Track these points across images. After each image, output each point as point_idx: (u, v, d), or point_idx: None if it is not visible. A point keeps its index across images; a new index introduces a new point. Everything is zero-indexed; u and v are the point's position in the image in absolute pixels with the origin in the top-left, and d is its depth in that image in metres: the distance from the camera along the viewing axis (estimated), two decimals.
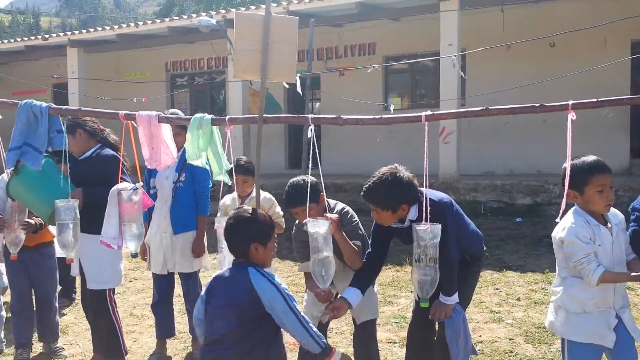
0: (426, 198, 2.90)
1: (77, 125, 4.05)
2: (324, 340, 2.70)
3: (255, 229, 2.70)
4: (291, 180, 3.49)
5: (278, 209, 4.34)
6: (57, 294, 4.69)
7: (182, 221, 4.37)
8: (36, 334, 4.62)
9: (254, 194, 3.72)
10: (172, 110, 4.29)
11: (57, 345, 4.61)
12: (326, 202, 3.56)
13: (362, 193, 3.12)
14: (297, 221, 3.61)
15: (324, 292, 3.27)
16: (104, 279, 4.03)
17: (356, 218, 3.60)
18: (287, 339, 4.75)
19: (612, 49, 10.63)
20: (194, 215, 4.41)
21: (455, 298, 3.20)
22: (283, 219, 4.33)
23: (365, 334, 3.67)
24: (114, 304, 4.14)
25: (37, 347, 4.67)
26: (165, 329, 4.55)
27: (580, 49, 10.86)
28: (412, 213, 3.12)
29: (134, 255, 3.42)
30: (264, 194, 4.19)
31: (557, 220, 2.72)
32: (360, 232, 3.56)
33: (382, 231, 3.31)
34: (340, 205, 3.61)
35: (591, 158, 2.72)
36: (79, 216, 3.43)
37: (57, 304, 4.65)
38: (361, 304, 3.37)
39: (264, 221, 2.76)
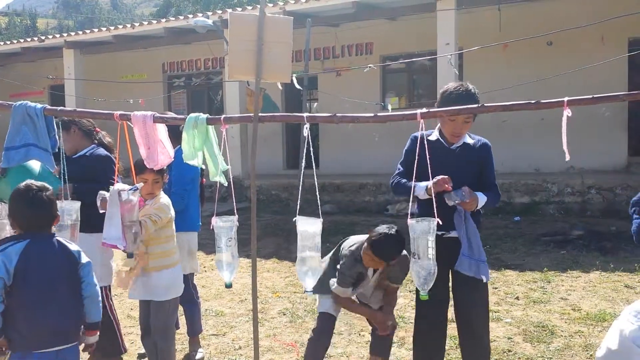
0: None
1: (73, 122, 4.06)
2: None
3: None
4: (386, 230, 3.50)
5: (159, 213, 3.61)
6: None
7: None
8: None
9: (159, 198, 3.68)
10: (169, 113, 4.28)
11: None
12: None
13: (471, 101, 3.16)
14: (355, 246, 3.63)
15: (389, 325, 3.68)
16: (97, 277, 3.97)
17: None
18: (283, 339, 4.75)
19: (609, 47, 10.63)
20: (181, 217, 4.34)
21: (483, 202, 3.30)
22: (149, 222, 3.52)
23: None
24: (110, 302, 4.13)
25: None
26: None
27: (577, 48, 10.87)
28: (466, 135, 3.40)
29: (130, 256, 3.40)
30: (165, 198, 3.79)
31: None
32: (402, 278, 3.76)
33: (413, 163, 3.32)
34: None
35: None
36: (79, 218, 3.43)
37: None
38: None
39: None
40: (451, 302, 3.54)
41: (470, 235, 3.28)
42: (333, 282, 3.64)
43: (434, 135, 3.42)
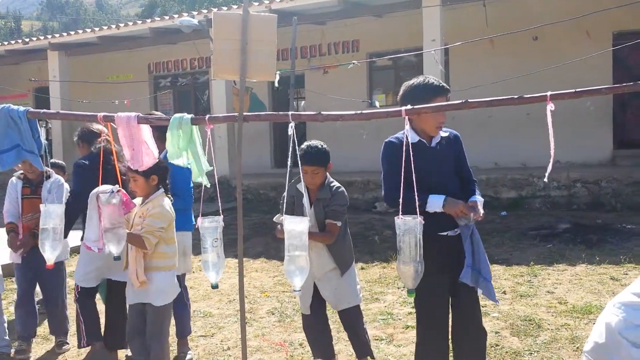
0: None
1: (77, 136, 4.51)
2: None
3: None
4: (309, 142, 3.69)
5: (160, 223, 3.60)
6: (65, 290, 4.93)
7: None
8: (48, 329, 4.93)
9: (154, 196, 3.66)
10: (158, 113, 4.32)
11: (61, 339, 4.79)
12: (327, 177, 3.72)
13: (440, 90, 3.15)
14: (292, 181, 3.74)
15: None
16: (77, 277, 4.33)
17: (347, 201, 3.75)
18: (272, 339, 4.75)
19: (594, 41, 10.70)
20: (178, 218, 4.38)
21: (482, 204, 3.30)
22: (152, 238, 3.55)
23: (350, 321, 3.76)
24: (77, 300, 4.33)
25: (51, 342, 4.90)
26: None
27: (562, 42, 10.94)
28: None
29: (118, 258, 3.39)
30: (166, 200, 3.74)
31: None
32: (344, 214, 3.73)
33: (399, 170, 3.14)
34: (337, 184, 3.76)
35: None
36: (64, 221, 3.43)
37: (65, 300, 4.89)
38: (337, 292, 3.66)
39: None
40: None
41: (475, 247, 3.25)
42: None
43: (414, 137, 3.24)
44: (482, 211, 3.21)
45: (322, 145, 3.65)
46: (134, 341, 3.81)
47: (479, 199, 3.29)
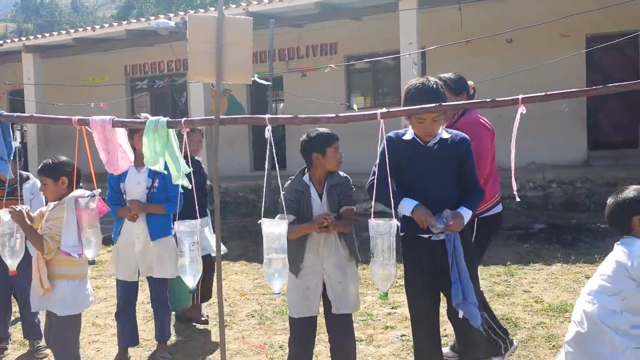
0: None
1: None
2: None
3: None
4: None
5: None
6: None
7: (159, 227, 4.34)
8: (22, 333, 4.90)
9: (64, 200, 3.46)
10: (144, 114, 4.30)
11: (40, 344, 4.73)
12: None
13: (432, 97, 3.00)
14: (292, 178, 3.68)
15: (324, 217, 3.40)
16: None
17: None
18: (252, 341, 4.74)
19: (567, 44, 10.87)
20: (170, 221, 4.37)
21: (469, 217, 3.19)
22: (51, 242, 3.43)
23: (342, 330, 3.57)
24: None
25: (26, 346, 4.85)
26: (128, 337, 4.49)
27: (536, 45, 11.08)
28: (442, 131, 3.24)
29: (92, 262, 3.36)
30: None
31: None
32: (353, 197, 3.71)
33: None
34: (343, 173, 3.71)
35: (632, 193, 2.83)
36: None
37: None
38: (345, 293, 3.52)
39: None
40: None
41: (457, 260, 3.14)
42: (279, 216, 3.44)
43: (409, 134, 3.24)
44: (451, 223, 3.06)
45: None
46: (50, 346, 3.83)
47: (464, 211, 3.16)
